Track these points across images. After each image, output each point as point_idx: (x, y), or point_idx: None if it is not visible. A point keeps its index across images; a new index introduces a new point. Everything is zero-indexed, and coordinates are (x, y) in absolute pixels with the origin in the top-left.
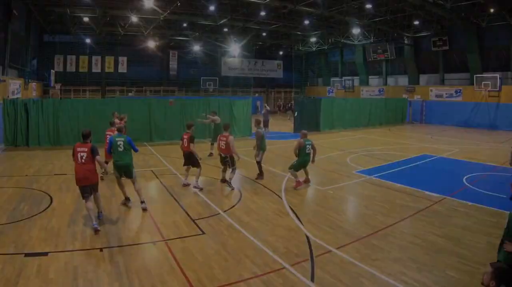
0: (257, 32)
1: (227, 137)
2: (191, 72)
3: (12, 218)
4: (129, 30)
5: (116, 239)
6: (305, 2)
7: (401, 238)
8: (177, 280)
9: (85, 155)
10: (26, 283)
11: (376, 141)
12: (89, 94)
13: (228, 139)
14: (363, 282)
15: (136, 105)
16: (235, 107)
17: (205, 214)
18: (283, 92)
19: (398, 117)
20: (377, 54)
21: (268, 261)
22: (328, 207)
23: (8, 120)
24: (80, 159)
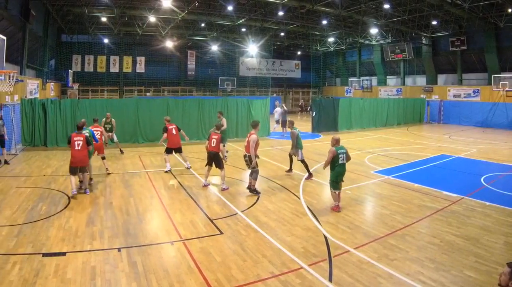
0: (275, 32)
1: (249, 135)
2: (209, 72)
3: (30, 217)
4: (147, 30)
5: (134, 239)
6: (323, 2)
7: (419, 238)
8: (195, 280)
9: (81, 143)
10: (44, 283)
11: (394, 141)
12: (107, 94)
13: (250, 137)
14: (381, 282)
15: (154, 105)
16: (253, 107)
17: (223, 214)
18: (301, 92)
19: (416, 117)
20: (395, 54)
21: (286, 261)
22: (346, 207)
23: (26, 120)
24: (77, 145)
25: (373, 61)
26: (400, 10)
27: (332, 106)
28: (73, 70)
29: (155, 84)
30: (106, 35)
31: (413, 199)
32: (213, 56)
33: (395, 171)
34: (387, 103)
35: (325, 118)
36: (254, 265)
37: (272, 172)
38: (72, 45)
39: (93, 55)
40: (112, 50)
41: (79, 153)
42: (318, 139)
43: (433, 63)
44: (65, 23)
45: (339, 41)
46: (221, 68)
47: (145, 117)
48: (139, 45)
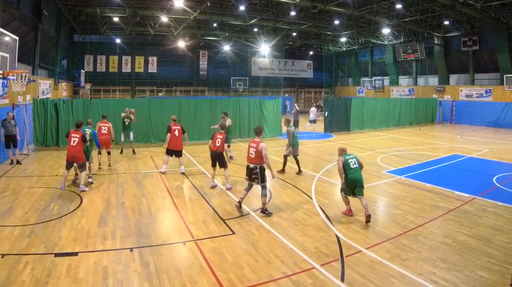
0: (287, 32)
1: (258, 143)
2: (221, 72)
3: (42, 218)
4: (159, 30)
5: (146, 239)
6: (335, 2)
7: (431, 238)
8: (207, 280)
9: (77, 140)
10: (56, 283)
11: (406, 141)
12: (119, 94)
13: (259, 146)
14: (393, 282)
15: (166, 105)
16: (265, 107)
17: (235, 213)
18: (313, 92)
19: (428, 117)
20: (407, 54)
21: (298, 261)
22: (358, 207)
23: (38, 120)
24: (72, 142)
25: (385, 61)
26: (412, 10)
27: (344, 106)
28: (85, 70)
29: (167, 84)
30: (118, 35)
31: (425, 199)
32: (225, 56)
33: (407, 171)
34: (399, 103)
35: (337, 118)
36: (266, 265)
37: (285, 172)
38: (84, 45)
39: (105, 55)
40: (124, 50)
41: (73, 149)
42: (330, 139)
43: (445, 63)
44: (77, 23)
45: (351, 41)
46: (233, 68)
47: (157, 118)
48: (151, 45)
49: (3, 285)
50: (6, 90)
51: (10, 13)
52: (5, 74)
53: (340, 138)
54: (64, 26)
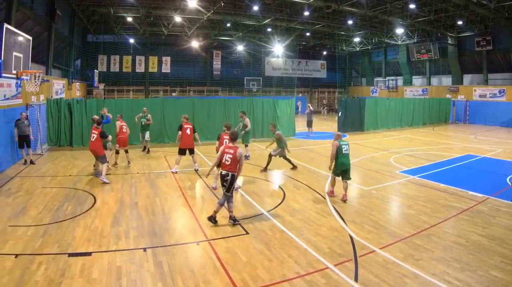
0: (301, 32)
1: (235, 150)
2: (235, 72)
3: (56, 217)
4: (172, 30)
5: (159, 239)
6: (348, 2)
7: (445, 238)
8: (221, 280)
9: (96, 136)
10: (69, 283)
11: (420, 141)
12: (133, 94)
13: (237, 153)
14: (406, 282)
15: (180, 105)
16: (279, 107)
17: (248, 214)
18: (327, 92)
19: (441, 117)
20: (420, 54)
21: (312, 261)
22: (371, 207)
23: (51, 120)
24: (92, 138)
25: (399, 61)
26: (426, 10)
27: (358, 106)
28: (98, 70)
29: (180, 84)
30: (132, 35)
31: (439, 199)
32: (239, 56)
33: (420, 171)
34: (413, 103)
35: (351, 118)
36: (280, 265)
37: (298, 172)
38: (98, 45)
39: (119, 55)
40: (137, 50)
41: (92, 144)
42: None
43: (458, 63)
44: (90, 23)
45: (365, 41)
46: (246, 68)
47: (170, 118)
48: (165, 45)
49: (16, 285)
50: (20, 90)
51: (24, 13)
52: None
53: (353, 138)
54: (78, 26)
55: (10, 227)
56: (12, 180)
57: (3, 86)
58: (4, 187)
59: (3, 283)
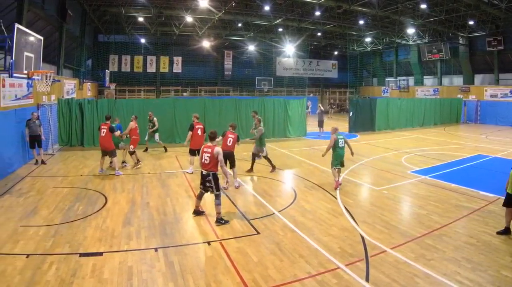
0: (312, 32)
1: (212, 149)
2: (246, 72)
3: (67, 218)
4: (183, 30)
5: (170, 239)
6: (359, 2)
7: (456, 238)
8: (232, 280)
9: (105, 131)
10: (81, 283)
11: (431, 141)
12: (144, 94)
13: (214, 151)
14: (418, 282)
15: (191, 105)
16: (290, 107)
17: (259, 214)
18: (338, 92)
19: (452, 117)
20: (432, 54)
21: (323, 261)
22: (382, 207)
23: (63, 120)
24: (102, 133)
25: (410, 61)
26: (437, 10)
27: (369, 106)
28: (110, 70)
29: (192, 84)
30: (143, 35)
31: (450, 199)
32: (250, 56)
33: (432, 171)
34: (424, 103)
35: (362, 118)
36: (291, 265)
37: (309, 172)
38: (109, 45)
39: (130, 55)
40: (149, 50)
41: (102, 139)
42: (354, 140)
43: (470, 63)
44: (102, 23)
45: (376, 41)
46: (258, 68)
47: (182, 118)
48: (176, 45)
49: (28, 285)
50: (31, 90)
51: (35, 13)
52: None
53: (364, 138)
54: (89, 26)
55: (21, 227)
56: (23, 180)
57: (14, 86)
58: (15, 187)
59: (15, 283)
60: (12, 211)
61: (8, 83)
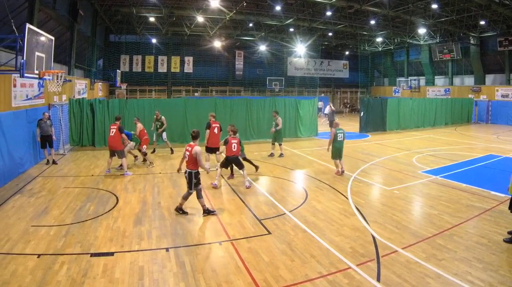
0: (323, 32)
1: (192, 147)
2: (257, 72)
3: (78, 217)
4: (195, 30)
5: (182, 239)
6: (371, 2)
7: (467, 238)
8: (243, 280)
9: (114, 131)
10: (92, 283)
11: (442, 141)
12: (155, 94)
13: (193, 151)
14: (429, 282)
15: (202, 105)
16: (301, 107)
17: (271, 214)
18: (349, 92)
19: (464, 117)
20: (443, 54)
21: (334, 261)
22: (394, 207)
23: (74, 120)
24: (111, 132)
25: (421, 61)
26: (448, 10)
27: (380, 106)
28: (121, 70)
29: (203, 84)
30: (154, 35)
31: (461, 199)
32: (261, 56)
33: (443, 171)
34: (435, 103)
35: (373, 118)
36: (302, 265)
37: (320, 172)
38: (120, 45)
39: (141, 55)
40: (160, 50)
41: (111, 138)
42: (365, 140)
43: (481, 63)
44: (113, 23)
45: (387, 41)
46: (269, 68)
47: (193, 117)
48: (187, 45)
49: (39, 285)
50: (42, 90)
51: (46, 13)
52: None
53: (376, 138)
54: (100, 26)
55: (32, 227)
56: (35, 180)
57: (25, 86)
58: (27, 187)
59: (26, 283)
60: (23, 211)
61: (19, 83)
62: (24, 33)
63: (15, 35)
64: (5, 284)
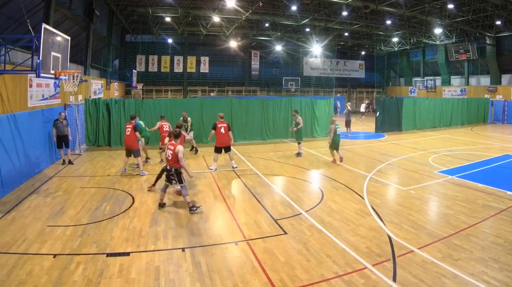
0: (339, 32)
1: (175, 146)
2: (273, 72)
3: (94, 218)
4: (211, 30)
5: (198, 239)
6: (387, 2)
7: (483, 238)
8: (259, 280)
9: (130, 130)
10: (108, 283)
11: (458, 141)
12: (171, 94)
13: (176, 149)
14: (445, 283)
15: (218, 105)
16: (317, 107)
17: (287, 214)
18: (365, 92)
19: (479, 117)
20: (459, 54)
21: (350, 261)
22: (410, 207)
23: (90, 120)
24: (126, 131)
25: (437, 61)
26: (464, 10)
27: (396, 106)
28: (137, 70)
29: (219, 84)
30: (170, 35)
31: (477, 199)
32: (277, 56)
33: (459, 171)
34: (451, 103)
35: (389, 118)
36: (318, 265)
37: (336, 172)
38: (136, 45)
39: (157, 55)
40: (176, 50)
41: (127, 137)
42: (381, 140)
43: (497, 63)
44: (129, 23)
45: (403, 41)
46: (285, 68)
47: (209, 117)
48: (203, 45)
49: (55, 285)
50: (58, 90)
51: (62, 13)
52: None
53: (392, 138)
54: (116, 26)
55: (48, 227)
56: (51, 180)
57: (41, 86)
58: (43, 187)
59: (42, 283)
60: (39, 210)
61: (35, 83)
62: (40, 33)
63: (31, 35)
64: (21, 284)
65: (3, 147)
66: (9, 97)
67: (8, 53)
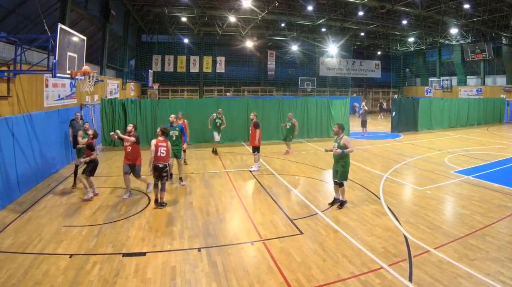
0: (355, 32)
1: (167, 143)
2: (289, 72)
3: (110, 218)
4: (227, 30)
5: (214, 239)
6: (403, 2)
7: (499, 238)
8: (275, 280)
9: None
10: (124, 283)
11: (474, 141)
12: (187, 94)
13: (168, 145)
14: (461, 283)
15: (234, 105)
16: (333, 107)
17: (303, 214)
18: (381, 92)
19: (496, 117)
20: (475, 54)
21: (366, 261)
22: (426, 207)
23: (106, 120)
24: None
25: (453, 61)
26: (480, 10)
27: (412, 106)
28: (153, 70)
29: (235, 84)
30: (186, 35)
31: (493, 199)
32: (293, 56)
33: (475, 171)
34: (467, 103)
35: (405, 118)
36: (334, 265)
37: (352, 172)
38: (152, 45)
39: (173, 55)
40: (192, 50)
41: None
42: (397, 140)
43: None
44: (145, 23)
45: (419, 41)
46: (301, 68)
47: (225, 117)
48: (219, 45)
49: (71, 285)
50: (74, 90)
51: (78, 13)
52: (73, 74)
53: (407, 138)
54: (132, 26)
55: (64, 227)
56: (67, 180)
57: (57, 86)
58: (59, 187)
59: (58, 283)
60: (55, 211)
61: (51, 83)
62: (56, 33)
63: (47, 35)
64: (37, 284)
65: (19, 147)
66: (25, 97)
67: (24, 53)
